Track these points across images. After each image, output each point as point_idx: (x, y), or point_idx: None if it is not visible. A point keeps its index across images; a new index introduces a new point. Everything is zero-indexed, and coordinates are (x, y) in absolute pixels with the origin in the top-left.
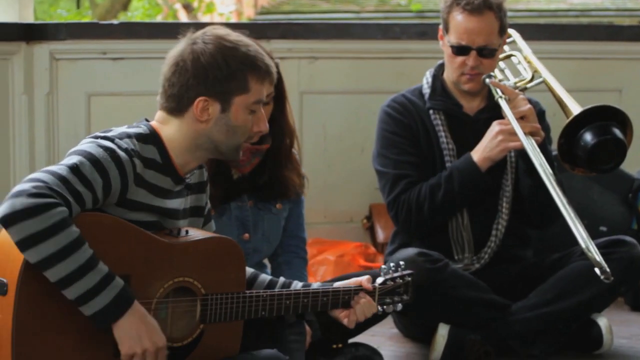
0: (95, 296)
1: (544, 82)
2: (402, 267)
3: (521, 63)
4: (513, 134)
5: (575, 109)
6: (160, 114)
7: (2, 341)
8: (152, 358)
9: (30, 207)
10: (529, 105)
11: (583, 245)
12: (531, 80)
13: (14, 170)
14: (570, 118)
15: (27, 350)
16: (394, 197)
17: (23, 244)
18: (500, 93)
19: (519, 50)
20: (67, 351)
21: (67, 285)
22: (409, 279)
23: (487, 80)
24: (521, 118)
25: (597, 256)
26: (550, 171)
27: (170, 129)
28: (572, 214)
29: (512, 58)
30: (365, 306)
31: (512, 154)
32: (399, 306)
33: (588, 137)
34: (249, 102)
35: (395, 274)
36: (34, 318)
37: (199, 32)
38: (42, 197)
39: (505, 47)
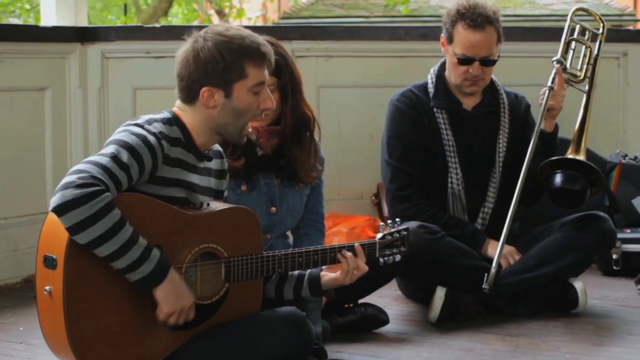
0: (139, 267)
1: (586, 94)
2: (398, 222)
3: (585, 59)
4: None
5: (571, 153)
6: (178, 103)
7: (55, 309)
8: (185, 314)
9: (78, 197)
10: (562, 104)
11: (500, 240)
12: (579, 81)
13: (70, 153)
14: (561, 157)
15: (76, 314)
16: (393, 188)
17: (73, 230)
18: (553, 82)
19: (590, 51)
20: (110, 313)
21: (114, 260)
22: (405, 233)
23: (556, 64)
24: (548, 110)
25: (499, 260)
26: (528, 165)
27: (187, 115)
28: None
29: (584, 50)
30: (358, 258)
31: (502, 149)
32: (398, 257)
33: (558, 179)
34: (249, 86)
35: (393, 229)
36: (80, 287)
37: (201, 31)
38: (87, 187)
39: (586, 34)
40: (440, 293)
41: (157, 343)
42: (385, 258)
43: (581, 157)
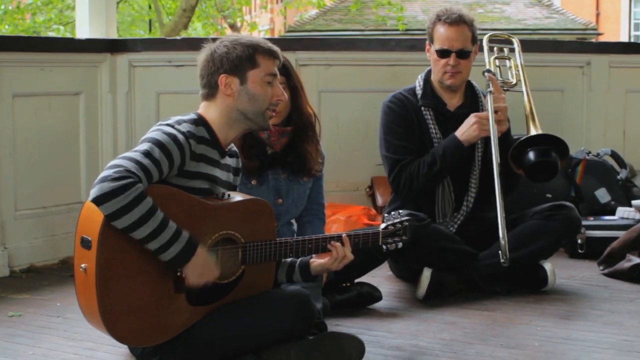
0: (170, 247)
1: (524, 92)
2: (401, 214)
3: (512, 68)
4: (484, 124)
5: (533, 130)
6: (202, 104)
7: (89, 284)
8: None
9: (114, 188)
10: (505, 104)
11: (500, 234)
12: (514, 85)
13: (101, 150)
14: (527, 136)
15: (107, 290)
16: (394, 176)
17: (112, 217)
18: (490, 87)
19: (514, 59)
20: (137, 290)
21: (149, 242)
22: (407, 223)
23: (487, 73)
24: (495, 112)
25: (506, 247)
26: (498, 159)
27: (210, 112)
28: (501, 203)
29: (507, 62)
30: (339, 248)
31: (479, 143)
32: (400, 244)
33: (532, 155)
34: (262, 75)
35: (396, 220)
36: (111, 266)
37: (217, 40)
38: (123, 180)
39: (505, 50)
40: (426, 273)
41: (179, 316)
42: (388, 245)
43: (539, 132)
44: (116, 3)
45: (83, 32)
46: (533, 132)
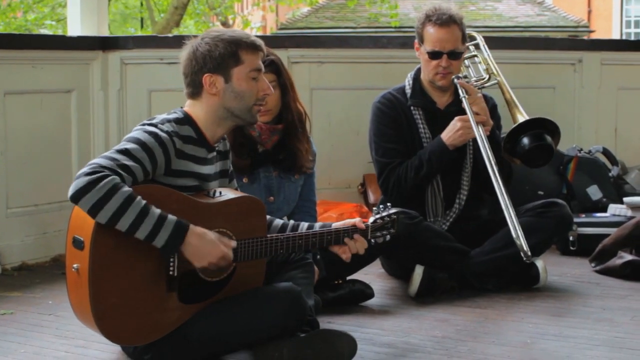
0: (158, 233)
1: (498, 83)
2: (389, 206)
3: (482, 64)
4: (469, 128)
5: (520, 117)
6: (188, 101)
7: (82, 284)
8: (219, 264)
9: (87, 182)
10: (483, 104)
11: (514, 235)
12: (487, 80)
13: (93, 147)
14: (516, 124)
15: (100, 290)
16: (383, 179)
17: (91, 212)
18: (463, 92)
19: (481, 54)
20: (130, 290)
21: (135, 231)
22: (395, 216)
23: (456, 80)
24: (476, 114)
25: (524, 244)
26: (494, 158)
27: (196, 110)
28: (507, 201)
29: (475, 58)
30: (358, 242)
31: (471, 141)
32: (387, 237)
33: (526, 141)
34: (246, 71)
35: (384, 214)
36: (104, 267)
37: (199, 36)
38: (95, 174)
39: (471, 48)
40: (418, 270)
41: (171, 315)
42: (376, 239)
43: (526, 117)
44: (107, 0)
45: (75, 29)
46: (520, 119)
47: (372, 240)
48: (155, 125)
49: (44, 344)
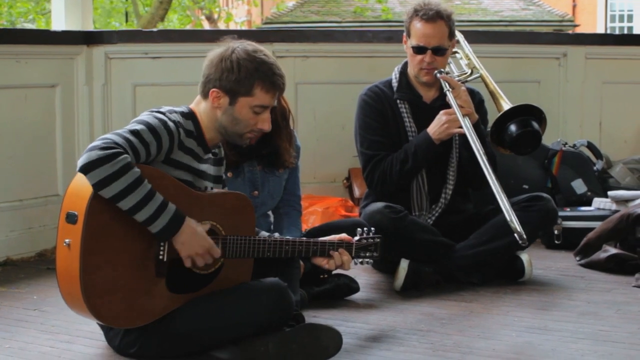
0: (157, 218)
1: (481, 77)
2: (373, 231)
3: (463, 59)
4: (455, 121)
5: (505, 105)
6: (197, 97)
7: (73, 258)
8: (204, 257)
9: (102, 157)
10: (467, 97)
11: (507, 218)
12: (470, 74)
13: (77, 142)
14: (502, 112)
15: (90, 264)
16: (367, 172)
17: (99, 186)
18: (447, 86)
19: (462, 49)
20: (119, 268)
21: (136, 212)
22: (378, 240)
23: (438, 75)
24: (461, 106)
25: (518, 227)
26: (483, 149)
27: (201, 109)
28: (499, 188)
29: (457, 54)
30: (344, 256)
31: (457, 136)
32: (370, 261)
33: (513, 128)
34: (252, 104)
35: (368, 235)
36: (96, 241)
37: (237, 43)
38: (110, 149)
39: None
40: (403, 264)
41: (158, 301)
42: (360, 260)
43: (511, 105)
44: None
45: (59, 24)
46: (506, 107)
47: (356, 261)
48: (163, 114)
49: (28, 339)
